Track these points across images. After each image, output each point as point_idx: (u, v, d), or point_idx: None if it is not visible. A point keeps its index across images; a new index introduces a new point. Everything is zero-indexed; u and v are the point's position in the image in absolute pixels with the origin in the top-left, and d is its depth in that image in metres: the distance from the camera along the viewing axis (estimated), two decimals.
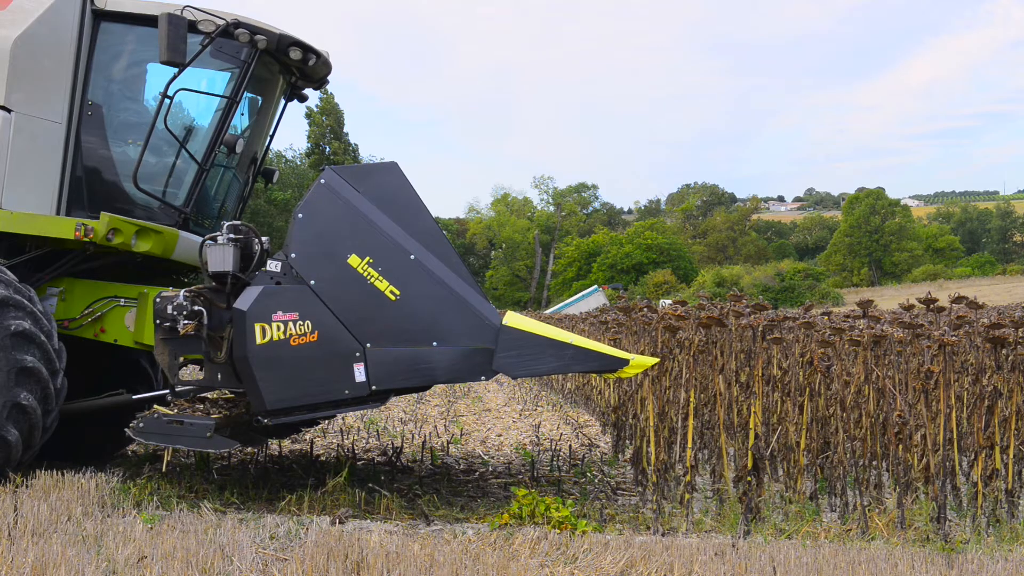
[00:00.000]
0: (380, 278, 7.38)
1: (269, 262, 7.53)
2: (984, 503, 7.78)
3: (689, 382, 8.08)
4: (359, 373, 7.36)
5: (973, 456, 8.03)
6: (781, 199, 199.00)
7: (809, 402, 8.16)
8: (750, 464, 7.77)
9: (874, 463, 8.27)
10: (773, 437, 8.05)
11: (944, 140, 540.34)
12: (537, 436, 12.79)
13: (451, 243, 7.78)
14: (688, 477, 7.80)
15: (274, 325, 7.28)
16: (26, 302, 7.85)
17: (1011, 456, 7.88)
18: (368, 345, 7.36)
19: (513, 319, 7.53)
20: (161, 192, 8.84)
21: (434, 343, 7.37)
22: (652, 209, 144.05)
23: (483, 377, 7.47)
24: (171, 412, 7.73)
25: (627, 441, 11.03)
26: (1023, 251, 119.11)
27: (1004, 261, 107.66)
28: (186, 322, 7.66)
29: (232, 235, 7.78)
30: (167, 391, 8.85)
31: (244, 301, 7.39)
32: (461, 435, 12.75)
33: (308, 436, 11.09)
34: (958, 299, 9.25)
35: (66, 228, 8.30)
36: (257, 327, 7.27)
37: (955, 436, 7.93)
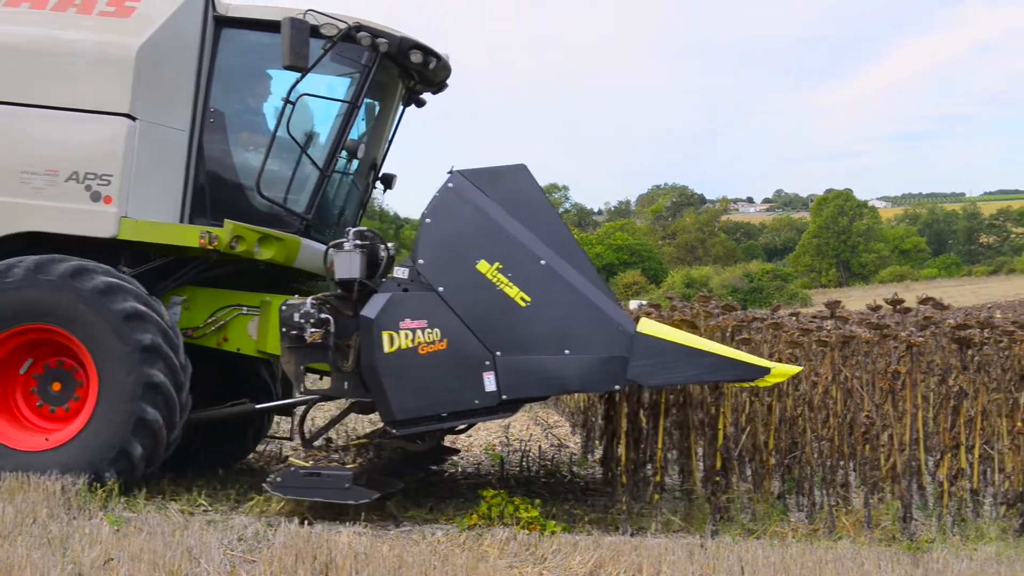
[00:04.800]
0: (510, 284, 7.18)
1: (396, 269, 7.41)
2: (950, 502, 7.84)
3: None
4: (489, 382, 7.16)
5: (939, 456, 8.11)
6: (750, 200, 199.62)
7: (777, 402, 8.19)
8: (718, 464, 7.80)
9: (841, 463, 8.33)
10: (742, 437, 8.09)
11: (911, 142, 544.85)
12: (507, 437, 12.79)
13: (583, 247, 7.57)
14: (658, 478, 7.83)
15: (402, 333, 7.16)
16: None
17: (976, 456, 7.95)
18: (498, 353, 7.16)
19: (647, 326, 7.31)
20: (283, 199, 8.73)
21: (566, 351, 7.13)
22: (622, 210, 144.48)
23: (617, 386, 7.24)
24: (307, 464, 7.64)
25: (596, 442, 11.06)
26: (989, 252, 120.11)
27: (970, 262, 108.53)
28: (313, 330, 7.59)
29: (359, 241, 7.69)
30: (291, 401, 9.00)
31: (372, 308, 7.27)
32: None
33: (277, 438, 10.98)
34: (925, 300, 9.31)
35: (191, 236, 8.22)
36: (385, 335, 7.17)
37: (921, 436, 7.99)
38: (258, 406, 9.02)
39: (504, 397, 7.18)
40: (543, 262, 7.24)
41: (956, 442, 7.94)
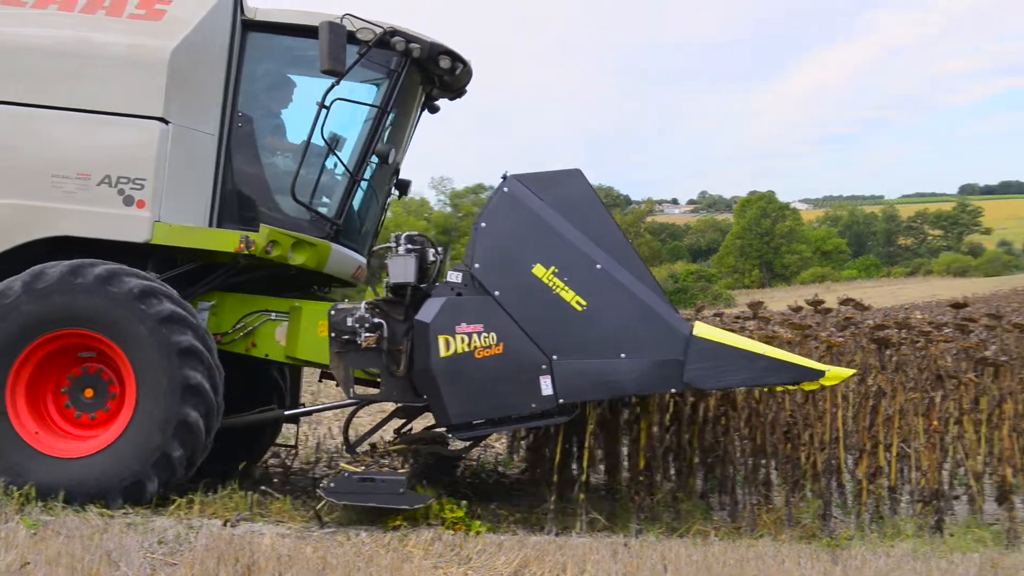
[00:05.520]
0: (566, 288, 7.17)
1: (450, 273, 7.37)
2: (868, 500, 7.99)
3: None
4: (546, 386, 7.14)
5: (858, 454, 8.24)
6: (675, 202, 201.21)
7: (701, 402, 8.28)
8: (643, 464, 7.86)
9: (763, 462, 8.44)
10: (666, 437, 8.15)
11: (832, 145, 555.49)
12: None
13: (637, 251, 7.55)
14: (584, 477, 7.86)
15: (458, 337, 7.13)
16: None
17: (894, 454, 8.11)
18: (554, 357, 7.14)
19: (703, 329, 7.30)
20: (316, 204, 8.65)
21: (622, 355, 7.12)
22: None
23: (673, 388, 7.24)
24: (359, 470, 7.53)
25: (522, 441, 11.08)
26: (907, 254, 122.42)
27: (889, 264, 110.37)
28: (367, 335, 7.56)
29: (410, 246, 7.65)
30: (332, 405, 9.04)
31: (427, 313, 7.23)
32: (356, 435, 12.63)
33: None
34: (845, 301, 9.48)
35: (230, 240, 8.15)
36: (441, 339, 7.13)
37: (841, 435, 8.13)
38: (288, 412, 9.05)
39: (561, 401, 7.19)
40: (598, 266, 7.25)
41: (875, 441, 8.09)
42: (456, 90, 9.65)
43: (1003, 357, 8.39)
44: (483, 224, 7.42)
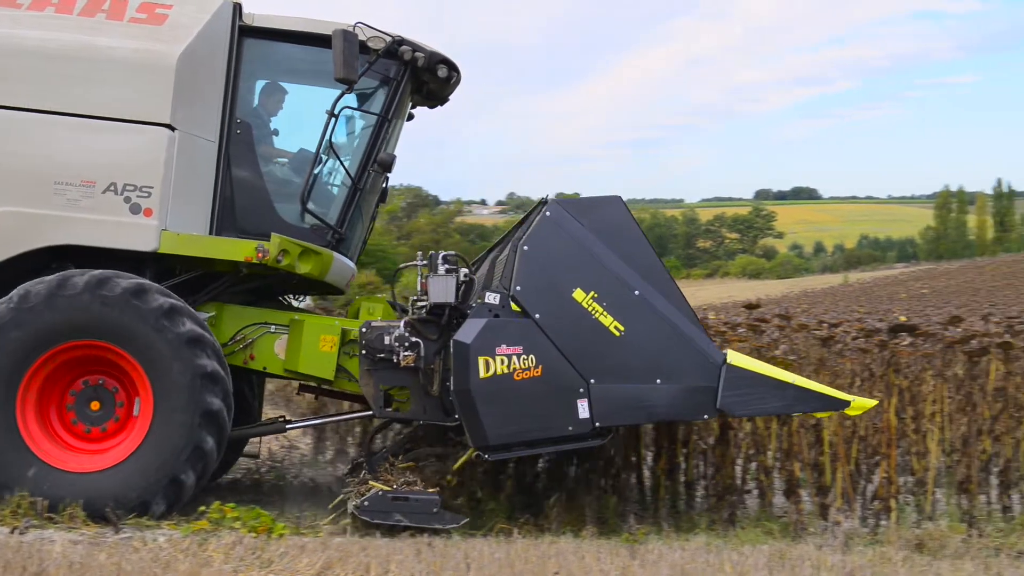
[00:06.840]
0: (605, 313, 7.16)
1: (487, 294, 7.23)
2: (665, 496, 8.25)
3: None
4: (583, 409, 7.12)
5: (656, 451, 8.49)
6: (484, 202, 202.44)
7: None
8: (459, 465, 7.91)
9: (566, 459, 8.59)
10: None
11: (636, 149, 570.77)
12: None
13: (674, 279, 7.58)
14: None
15: (498, 359, 7.06)
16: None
17: (691, 450, 8.39)
18: (592, 381, 7.12)
19: (736, 357, 7.37)
20: (319, 212, 8.44)
21: (657, 380, 7.16)
22: None
23: (706, 416, 7.34)
24: (391, 488, 7.38)
25: (327, 442, 11.01)
26: (705, 256, 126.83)
27: (689, 265, 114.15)
28: (406, 353, 7.61)
29: (448, 266, 7.58)
30: (349, 416, 9.13)
31: (467, 333, 7.11)
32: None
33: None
34: None
35: (242, 250, 7.92)
36: (481, 360, 7.03)
37: (640, 432, 8.36)
38: (289, 426, 8.92)
39: (597, 424, 7.19)
40: (637, 292, 7.30)
41: (672, 437, 8.35)
42: (441, 99, 9.64)
43: (792, 356, 8.76)
44: (526, 247, 7.37)
